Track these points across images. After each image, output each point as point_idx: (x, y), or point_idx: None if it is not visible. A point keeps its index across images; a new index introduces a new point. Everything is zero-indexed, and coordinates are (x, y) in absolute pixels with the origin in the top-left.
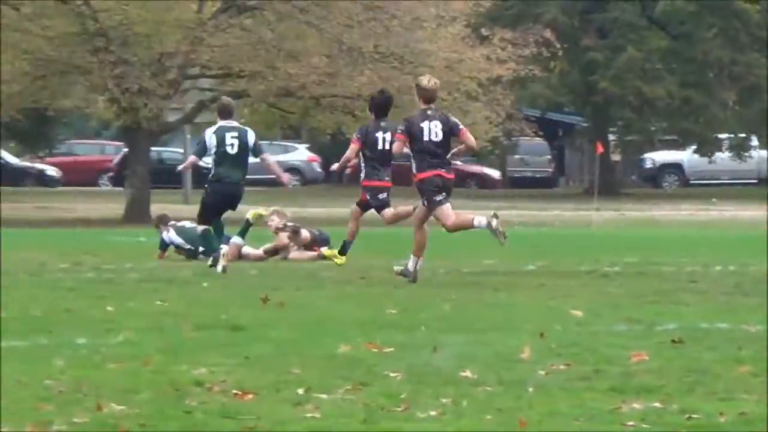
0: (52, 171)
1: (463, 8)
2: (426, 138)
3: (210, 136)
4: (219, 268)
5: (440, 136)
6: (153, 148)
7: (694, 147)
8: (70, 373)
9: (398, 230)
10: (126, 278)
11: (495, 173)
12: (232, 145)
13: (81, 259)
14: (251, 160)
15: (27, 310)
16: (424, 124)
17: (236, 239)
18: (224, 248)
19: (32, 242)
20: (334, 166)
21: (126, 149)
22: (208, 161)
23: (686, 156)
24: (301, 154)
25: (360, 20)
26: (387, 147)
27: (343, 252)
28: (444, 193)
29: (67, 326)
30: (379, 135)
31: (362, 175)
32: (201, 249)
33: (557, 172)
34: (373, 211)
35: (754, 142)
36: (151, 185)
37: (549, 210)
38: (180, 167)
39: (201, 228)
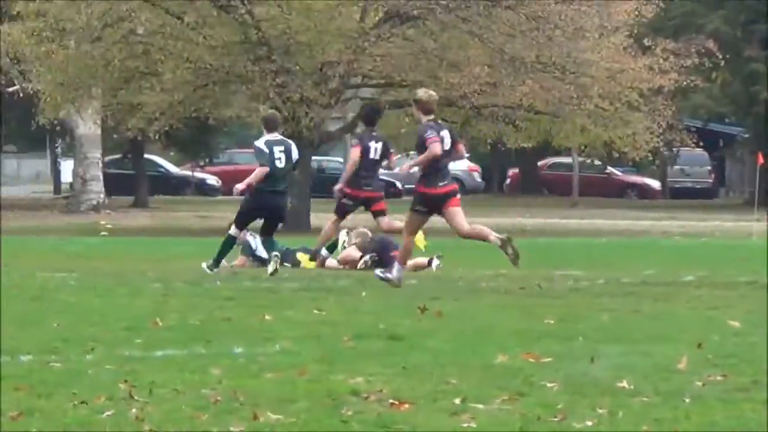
0: (212, 180)
1: (625, 18)
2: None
3: (263, 147)
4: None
5: (449, 147)
6: (313, 158)
7: None
8: (227, 383)
9: (560, 241)
10: (284, 287)
11: (655, 183)
12: (279, 159)
13: (235, 269)
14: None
15: (185, 319)
16: (443, 134)
17: (324, 252)
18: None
19: (192, 251)
20: (337, 186)
21: None
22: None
23: None
24: (461, 163)
25: (522, 30)
26: (377, 156)
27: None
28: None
29: (225, 335)
30: (371, 144)
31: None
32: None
33: (717, 183)
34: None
35: None
36: (311, 194)
37: (709, 221)
38: (240, 187)
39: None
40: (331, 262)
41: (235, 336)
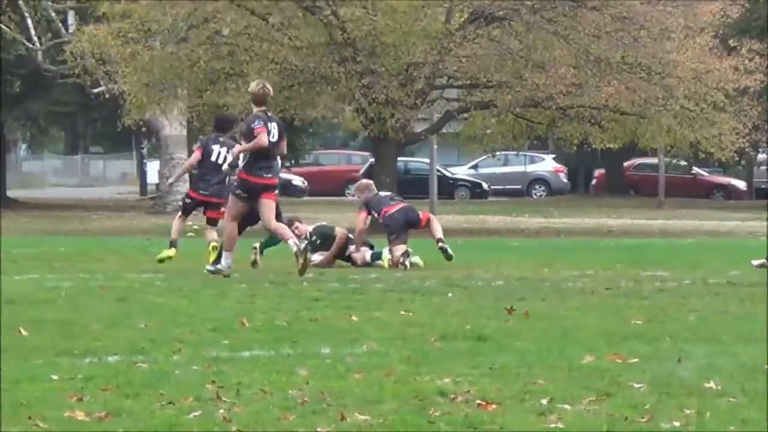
0: (297, 181)
1: (711, 19)
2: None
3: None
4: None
5: (276, 138)
6: (399, 159)
7: None
8: (314, 383)
9: (646, 241)
10: (371, 288)
11: (741, 184)
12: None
13: (324, 269)
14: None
15: (272, 319)
16: (270, 125)
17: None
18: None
19: (278, 252)
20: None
21: (372, 159)
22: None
23: None
24: (547, 164)
25: (608, 31)
26: (220, 161)
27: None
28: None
29: (312, 336)
30: (215, 147)
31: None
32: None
33: None
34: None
35: None
36: (398, 195)
37: None
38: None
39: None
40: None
41: (322, 337)
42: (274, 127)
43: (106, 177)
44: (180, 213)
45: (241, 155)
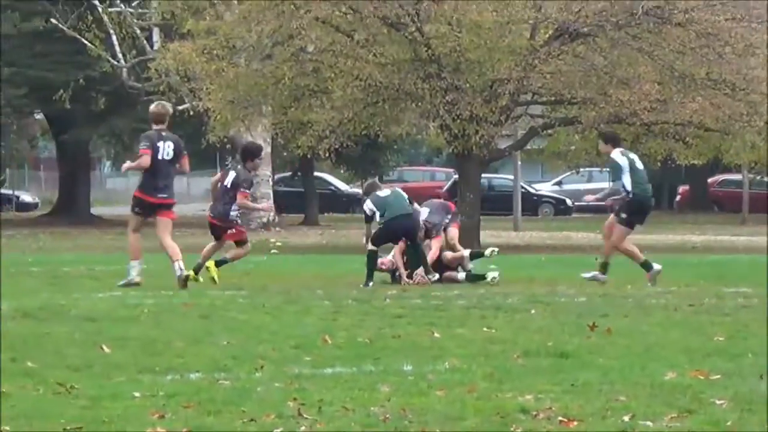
0: None
1: None
2: (160, 157)
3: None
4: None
5: (171, 156)
6: (483, 175)
7: None
8: (396, 400)
9: (729, 258)
10: (453, 305)
11: None
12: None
13: (405, 287)
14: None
15: (354, 336)
16: (160, 144)
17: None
18: None
19: (361, 269)
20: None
21: (456, 176)
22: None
23: None
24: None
25: (692, 47)
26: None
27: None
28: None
29: (394, 353)
30: (161, 144)
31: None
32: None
33: None
34: None
35: None
36: (482, 212)
37: None
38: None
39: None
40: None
41: (404, 353)
42: (168, 146)
43: (190, 194)
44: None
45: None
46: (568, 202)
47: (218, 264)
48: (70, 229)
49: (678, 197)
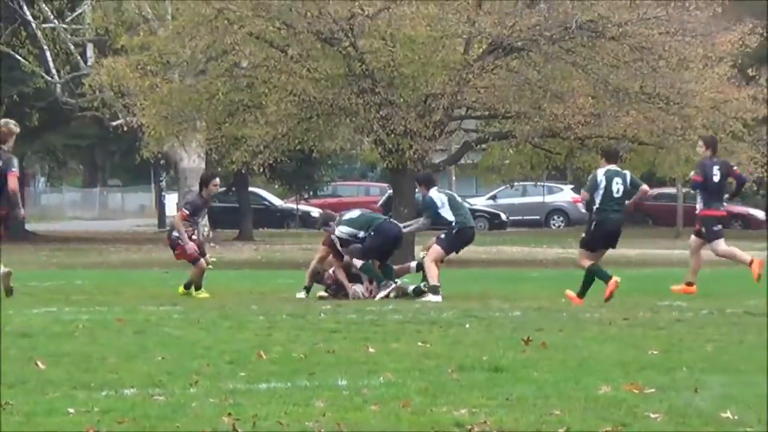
0: (316, 213)
1: (729, 49)
2: None
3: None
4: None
5: None
6: (417, 190)
7: None
8: (331, 415)
9: (663, 271)
10: (388, 319)
11: (760, 214)
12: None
13: (342, 300)
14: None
15: (289, 351)
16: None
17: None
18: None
19: (296, 284)
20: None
21: (391, 191)
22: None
23: None
24: (566, 194)
25: (626, 61)
26: None
27: None
28: None
29: (329, 367)
30: None
31: None
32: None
33: None
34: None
35: None
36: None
37: None
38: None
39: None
40: None
41: (339, 368)
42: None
43: (124, 210)
44: None
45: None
46: (503, 216)
47: (186, 287)
48: (4, 245)
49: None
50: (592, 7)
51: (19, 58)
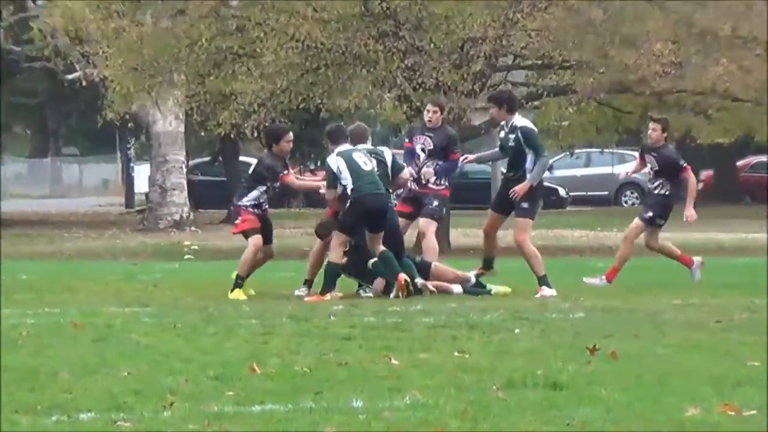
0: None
1: None
2: None
3: None
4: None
5: None
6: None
7: None
8: None
9: (764, 261)
10: (416, 323)
11: None
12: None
13: (354, 300)
14: None
15: (290, 364)
16: None
17: None
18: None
19: (299, 277)
20: None
21: None
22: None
23: None
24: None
25: None
26: None
27: None
28: None
29: (341, 385)
30: None
31: None
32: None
33: None
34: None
35: None
36: (451, 205)
37: None
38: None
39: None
40: None
41: (353, 385)
42: None
43: (82, 185)
44: None
45: None
46: (561, 192)
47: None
48: None
49: (700, 184)
50: None
51: None
